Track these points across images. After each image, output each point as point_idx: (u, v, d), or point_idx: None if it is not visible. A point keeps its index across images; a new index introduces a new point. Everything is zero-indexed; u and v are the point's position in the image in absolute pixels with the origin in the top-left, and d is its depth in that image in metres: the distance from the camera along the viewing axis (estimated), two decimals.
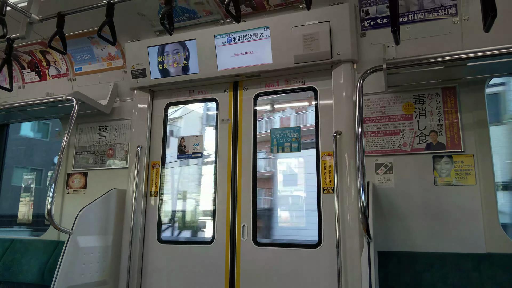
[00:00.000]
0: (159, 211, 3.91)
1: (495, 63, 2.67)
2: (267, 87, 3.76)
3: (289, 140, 3.59)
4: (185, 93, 4.08)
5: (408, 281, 2.83)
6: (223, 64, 3.68)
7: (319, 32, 3.28)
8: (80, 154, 4.41)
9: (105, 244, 3.65)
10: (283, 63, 3.48)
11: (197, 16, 3.71)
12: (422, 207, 3.01)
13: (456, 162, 2.99)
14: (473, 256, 2.77)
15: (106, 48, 4.25)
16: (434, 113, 3.13)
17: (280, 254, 3.37)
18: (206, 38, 3.70)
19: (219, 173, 3.75)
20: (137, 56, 3.98)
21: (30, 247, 4.16)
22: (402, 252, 2.95)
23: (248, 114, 3.78)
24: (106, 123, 4.36)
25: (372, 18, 3.30)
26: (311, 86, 3.59)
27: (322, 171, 3.36)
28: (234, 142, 3.76)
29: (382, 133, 3.25)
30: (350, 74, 3.33)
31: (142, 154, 3.95)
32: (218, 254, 3.56)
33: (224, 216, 3.62)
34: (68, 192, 4.34)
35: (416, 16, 3.18)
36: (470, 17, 3.01)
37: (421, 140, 3.12)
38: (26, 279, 3.96)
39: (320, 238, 3.26)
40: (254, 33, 3.55)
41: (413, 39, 3.18)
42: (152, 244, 3.84)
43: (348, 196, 3.11)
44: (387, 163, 3.18)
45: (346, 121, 3.25)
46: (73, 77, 4.53)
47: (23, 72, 4.81)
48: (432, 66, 2.79)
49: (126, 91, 4.24)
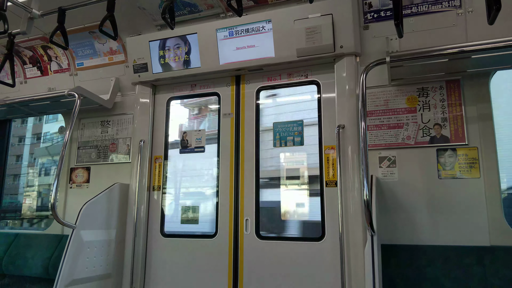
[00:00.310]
0: (162, 205, 3.93)
1: (499, 55, 2.66)
2: (270, 81, 3.74)
3: (291, 134, 3.58)
4: (187, 87, 4.07)
5: (412, 274, 2.84)
6: (225, 58, 3.67)
7: (322, 25, 3.26)
8: (83, 148, 4.42)
9: (109, 238, 3.67)
10: (285, 57, 3.46)
11: (198, 9, 3.69)
12: (425, 200, 3.01)
13: (460, 155, 2.98)
14: (477, 249, 2.77)
15: (107, 42, 4.24)
16: (438, 106, 3.11)
17: (283, 247, 3.38)
18: (208, 32, 3.68)
19: (222, 167, 3.75)
20: (138, 50, 3.96)
21: (35, 241, 4.19)
22: (406, 245, 2.96)
23: (250, 108, 3.77)
24: (108, 118, 4.36)
25: (375, 10, 3.28)
26: (313, 79, 3.58)
27: (325, 165, 3.35)
28: (237, 136, 3.75)
29: (385, 126, 3.24)
30: (353, 67, 3.30)
31: (144, 148, 3.95)
32: (221, 248, 3.57)
33: (227, 209, 3.63)
34: (71, 186, 4.36)
35: (419, 8, 3.15)
36: (474, 9, 2.98)
37: (424, 133, 3.11)
38: (30, 273, 4.00)
39: (323, 231, 3.26)
40: (256, 27, 3.52)
41: (416, 32, 3.15)
42: (155, 237, 3.86)
43: (351, 190, 3.11)
44: (390, 156, 3.17)
45: (349, 115, 3.24)
46: (74, 72, 4.53)
47: (24, 67, 4.81)
48: (436, 58, 2.78)
49: (128, 86, 4.24)
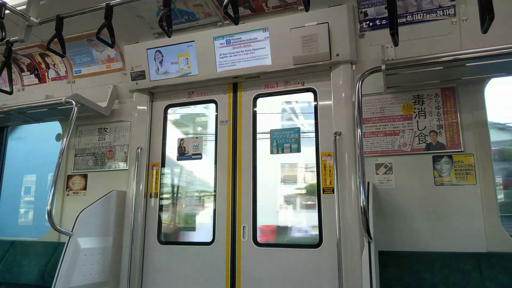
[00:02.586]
0: (159, 212, 3.92)
1: (494, 63, 2.69)
2: (267, 88, 3.77)
3: (288, 141, 3.59)
4: (184, 95, 4.09)
5: (409, 280, 2.84)
6: (222, 65, 3.69)
7: (318, 33, 3.29)
8: (80, 156, 4.41)
9: (106, 245, 3.66)
10: (282, 64, 3.49)
11: (196, 18, 3.72)
12: (422, 207, 3.02)
13: (456, 162, 3.00)
14: (473, 255, 2.77)
15: (105, 50, 4.25)
16: (434, 113, 3.14)
17: (280, 254, 3.37)
18: (205, 40, 3.71)
19: (219, 174, 3.75)
20: (136, 58, 3.98)
21: (31, 249, 4.16)
22: (403, 252, 2.96)
23: (247, 115, 3.78)
24: (106, 125, 4.36)
25: (371, 19, 3.31)
26: (310, 87, 3.60)
27: (322, 172, 3.36)
28: (234, 144, 3.76)
29: (381, 133, 3.25)
30: (349, 75, 3.33)
31: (142, 155, 3.95)
32: (219, 255, 3.56)
33: (224, 216, 3.63)
34: (68, 194, 4.34)
35: (414, 17, 3.18)
36: (468, 18, 3.02)
37: (420, 140, 3.13)
38: (27, 280, 3.96)
39: (321, 238, 3.26)
40: (253, 35, 3.55)
41: (412, 40, 3.18)
42: (152, 245, 3.84)
43: (348, 196, 3.12)
44: (387, 163, 3.19)
45: (345, 122, 3.26)
46: (72, 79, 4.54)
47: (22, 74, 4.81)
48: (431, 66, 2.80)
49: (126, 93, 4.25)
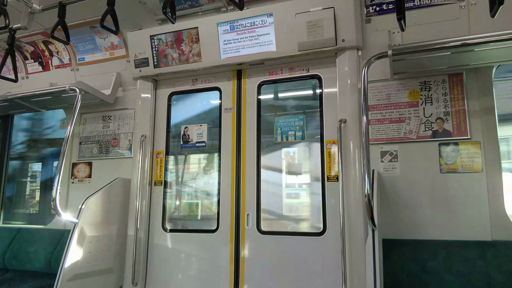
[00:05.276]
0: (163, 199, 3.93)
1: (503, 48, 2.62)
2: (271, 75, 3.73)
3: (293, 128, 3.57)
4: (188, 82, 4.06)
5: (413, 268, 2.83)
6: (226, 52, 3.65)
7: (323, 18, 3.23)
8: (85, 144, 4.42)
9: (110, 233, 3.68)
10: (287, 51, 3.44)
11: (199, 4, 3.67)
12: (427, 194, 3.00)
13: (462, 149, 2.96)
14: (478, 243, 2.76)
15: (108, 37, 4.22)
16: (440, 100, 3.09)
17: (284, 242, 3.38)
18: (209, 26, 3.66)
19: (223, 162, 3.75)
20: (139, 45, 3.95)
21: (37, 236, 4.21)
22: (407, 240, 2.95)
23: (251, 102, 3.75)
24: (110, 113, 4.36)
25: (377, 3, 3.25)
26: (315, 73, 3.55)
27: (327, 159, 3.34)
28: (238, 131, 3.74)
29: (387, 120, 3.22)
30: (355, 61, 3.28)
31: (146, 143, 3.95)
32: (223, 243, 3.57)
33: (229, 204, 3.63)
34: (73, 181, 4.36)
35: (422, 1, 3.12)
36: (477, 2, 2.95)
37: (427, 127, 3.09)
38: (33, 267, 4.02)
39: (325, 226, 3.26)
40: (257, 21, 3.50)
41: (419, 25, 3.12)
42: (157, 232, 3.86)
43: (352, 184, 3.10)
44: (392, 151, 3.16)
45: (351, 109, 3.22)
46: (76, 67, 4.52)
47: (26, 62, 4.80)
48: (438, 52, 2.74)
49: (129, 81, 4.23)
